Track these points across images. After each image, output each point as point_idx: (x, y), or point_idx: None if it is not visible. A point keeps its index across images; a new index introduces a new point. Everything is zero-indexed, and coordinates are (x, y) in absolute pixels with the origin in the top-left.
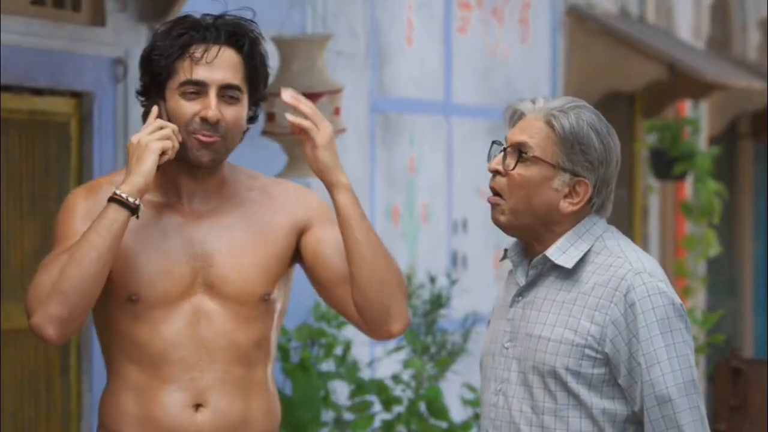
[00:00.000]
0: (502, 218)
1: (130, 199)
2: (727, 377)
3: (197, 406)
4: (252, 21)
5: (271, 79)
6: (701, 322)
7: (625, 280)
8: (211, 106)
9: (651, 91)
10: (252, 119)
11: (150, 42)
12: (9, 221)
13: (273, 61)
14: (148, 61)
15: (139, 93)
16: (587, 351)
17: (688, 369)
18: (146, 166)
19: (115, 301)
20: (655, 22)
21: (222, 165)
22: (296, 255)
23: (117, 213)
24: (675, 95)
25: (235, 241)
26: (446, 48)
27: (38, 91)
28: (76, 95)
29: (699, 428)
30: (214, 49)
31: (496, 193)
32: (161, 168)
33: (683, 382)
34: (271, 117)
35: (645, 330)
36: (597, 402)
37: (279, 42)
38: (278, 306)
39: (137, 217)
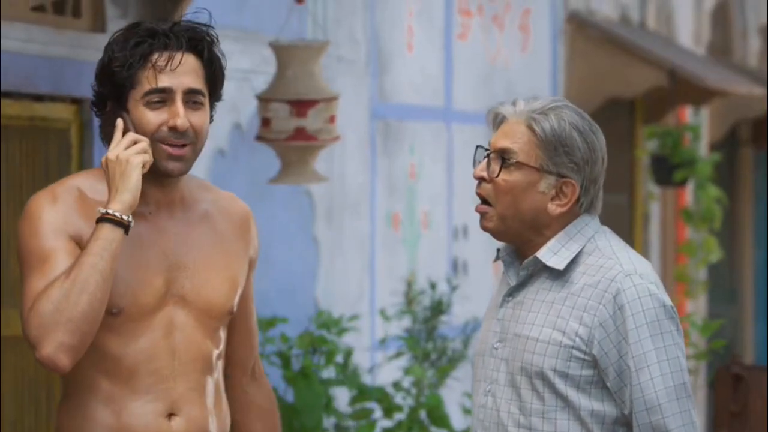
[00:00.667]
0: (490, 225)
1: (124, 217)
2: (727, 383)
3: (170, 416)
4: (207, 25)
5: (266, 85)
6: (702, 328)
7: (615, 282)
8: (179, 113)
9: (651, 97)
10: (210, 120)
11: (106, 52)
12: (9, 227)
13: (270, 66)
14: (107, 72)
15: (94, 104)
16: (575, 352)
17: (679, 372)
18: (133, 181)
19: None
20: (656, 29)
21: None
22: None
23: (113, 233)
24: (675, 101)
25: (204, 255)
26: (447, 54)
27: (39, 98)
28: (76, 101)
29: None
30: (178, 56)
31: (483, 199)
32: None
33: (673, 386)
34: (266, 122)
35: (634, 332)
36: (585, 403)
37: (276, 47)
38: None
39: (127, 233)
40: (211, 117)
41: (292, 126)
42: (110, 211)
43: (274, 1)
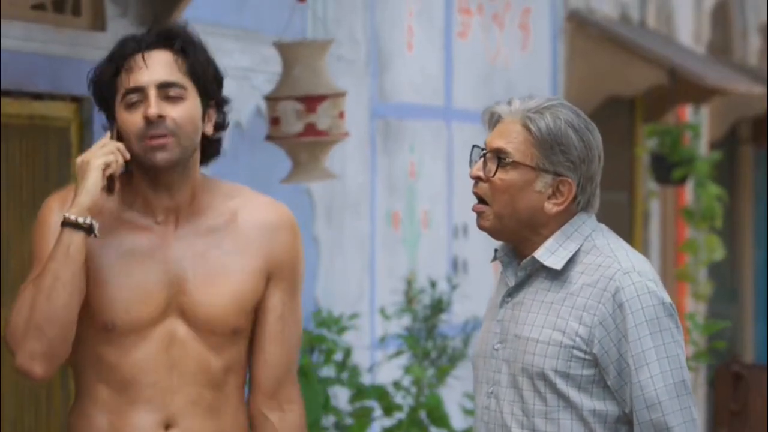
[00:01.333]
0: (487, 224)
1: (80, 220)
2: (727, 382)
3: (168, 428)
4: (185, 26)
5: (267, 84)
6: (703, 327)
7: (613, 280)
8: (151, 104)
9: (651, 96)
10: (221, 126)
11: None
12: (9, 227)
13: (270, 65)
14: (94, 87)
15: (106, 117)
16: (575, 352)
17: (678, 369)
18: (90, 182)
19: (89, 326)
20: (656, 28)
21: (192, 178)
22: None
23: (70, 236)
24: (675, 100)
25: (207, 269)
26: (447, 54)
27: (38, 96)
28: (76, 100)
29: (690, 430)
30: (146, 54)
31: (480, 199)
32: (131, 187)
33: (673, 383)
34: (275, 121)
35: (634, 330)
36: (587, 403)
37: (280, 47)
38: (249, 334)
39: (95, 235)
40: (225, 124)
41: (303, 123)
42: (66, 215)
43: (274, 0)
